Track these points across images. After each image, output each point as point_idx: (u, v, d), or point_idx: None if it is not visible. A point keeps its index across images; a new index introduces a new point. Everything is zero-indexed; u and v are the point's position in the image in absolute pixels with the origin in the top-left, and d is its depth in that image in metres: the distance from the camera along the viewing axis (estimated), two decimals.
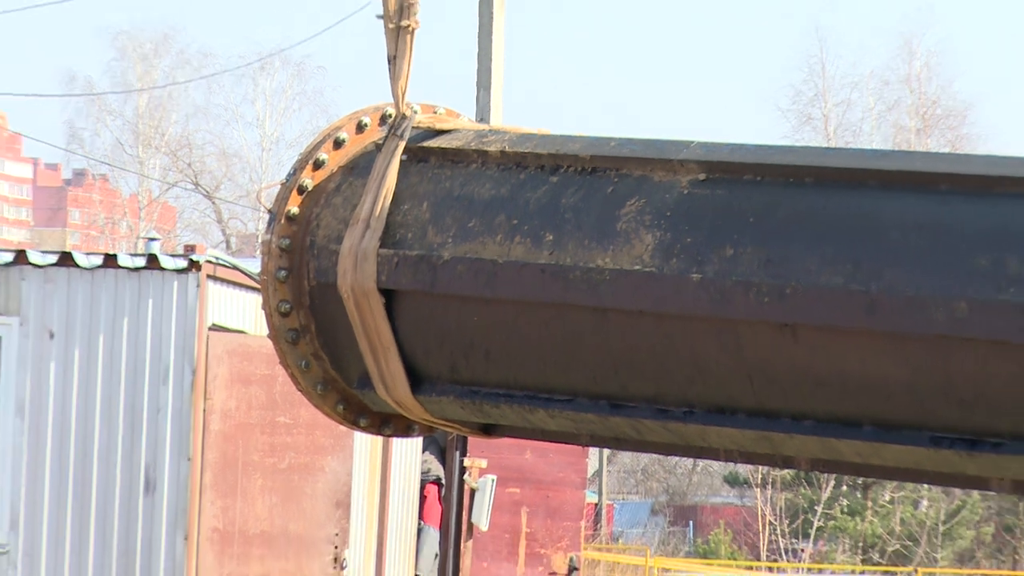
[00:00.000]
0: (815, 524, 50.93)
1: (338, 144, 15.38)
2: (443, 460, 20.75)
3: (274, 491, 17.99)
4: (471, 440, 19.93)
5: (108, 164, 78.26)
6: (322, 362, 16.23)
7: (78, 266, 18.09)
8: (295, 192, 15.24)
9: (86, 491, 17.92)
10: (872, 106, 70.66)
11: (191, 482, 17.57)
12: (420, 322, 15.58)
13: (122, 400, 17.79)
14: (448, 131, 15.23)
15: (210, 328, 17.68)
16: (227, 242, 59.12)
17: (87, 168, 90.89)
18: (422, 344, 15.55)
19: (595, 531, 43.05)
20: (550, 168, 15.58)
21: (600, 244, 15.05)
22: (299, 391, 16.03)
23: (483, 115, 32.79)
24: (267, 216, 15.47)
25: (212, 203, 68.62)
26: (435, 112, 15.34)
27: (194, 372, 17.52)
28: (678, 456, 32.14)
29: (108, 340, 17.71)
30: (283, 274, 15.09)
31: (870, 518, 51.15)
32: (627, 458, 58.96)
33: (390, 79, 14.78)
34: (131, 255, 18.17)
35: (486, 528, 21.08)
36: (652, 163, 15.57)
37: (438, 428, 15.46)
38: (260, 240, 15.21)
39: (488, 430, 16.61)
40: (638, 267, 15.18)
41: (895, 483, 35.88)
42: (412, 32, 14.97)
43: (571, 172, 15.35)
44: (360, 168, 14.90)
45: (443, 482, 21.05)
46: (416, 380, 15.51)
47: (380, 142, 15.14)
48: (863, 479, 35.47)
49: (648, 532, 58.34)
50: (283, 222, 15.42)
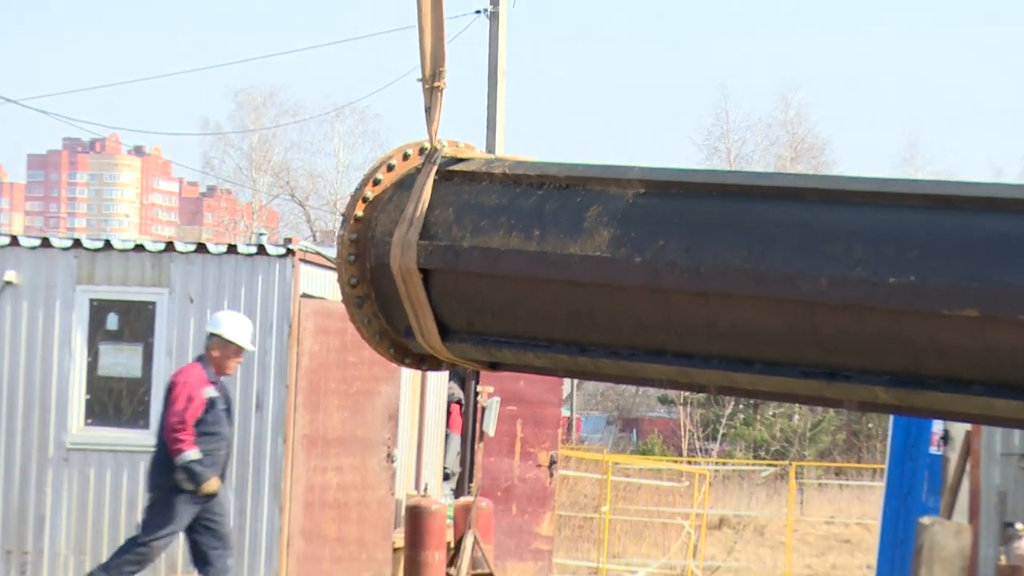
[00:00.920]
0: (720, 431, 50.72)
1: (390, 168, 15.36)
2: (463, 386, 20.67)
3: (345, 408, 17.94)
4: (482, 373, 19.92)
5: (231, 182, 78.27)
6: (379, 319, 16.28)
7: (210, 252, 18.03)
8: (360, 201, 15.20)
9: None
10: (760, 142, 70.60)
11: (288, 402, 17.52)
12: (447, 291, 15.60)
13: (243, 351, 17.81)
14: (466, 159, 15.21)
15: (301, 296, 17.65)
16: (313, 236, 59.02)
17: (216, 185, 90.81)
18: (448, 306, 15.57)
19: (568, 436, 42.82)
20: (536, 185, 15.59)
21: (571, 237, 15.08)
22: (363, 339, 15.99)
23: (490, 148, 32.62)
24: (341, 218, 15.55)
25: (303, 209, 68.59)
26: (457, 145, 15.34)
27: (290, 326, 17.47)
28: (625, 384, 32.41)
29: (231, 304, 17.66)
30: (352, 258, 15.06)
31: (759, 427, 51.04)
32: (590, 386, 58.73)
33: (426, 123, 14.72)
34: (246, 245, 18.10)
35: (492, 434, 21.03)
36: (607, 181, 15.56)
37: (459, 365, 15.52)
38: (336, 235, 15.27)
39: (494, 366, 16.57)
40: (598, 253, 15.18)
41: (776, 402, 35.98)
42: (441, 90, 14.93)
43: (551, 188, 15.35)
44: (405, 185, 14.93)
45: (463, 402, 20.98)
46: (444, 331, 15.50)
47: (419, 167, 15.12)
48: (753, 400, 35.33)
49: (604, 437, 58.16)
50: (352, 222, 15.41)
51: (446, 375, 19.02)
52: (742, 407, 49.89)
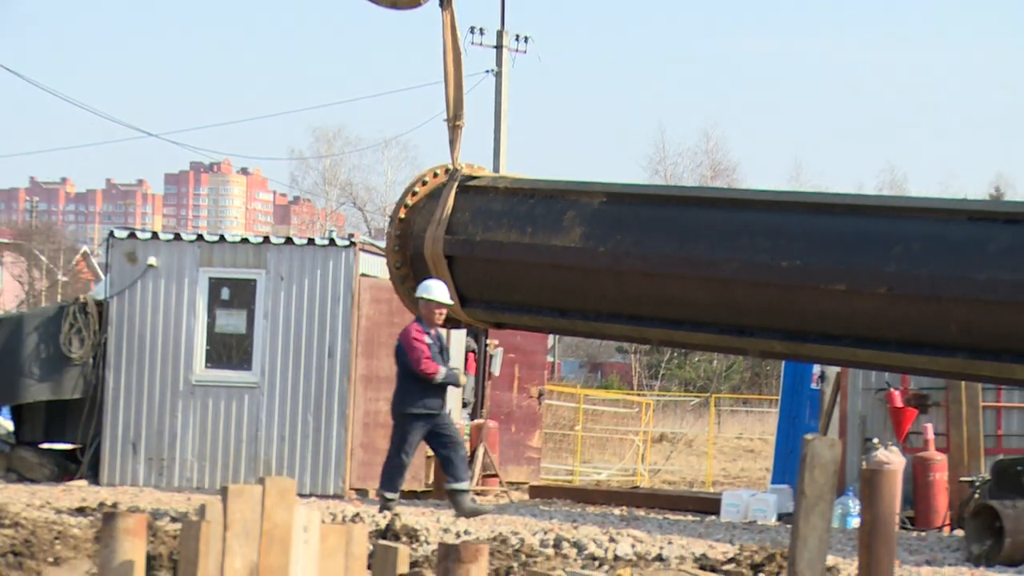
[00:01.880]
0: (661, 372, 50.48)
1: (424, 184, 15.26)
2: (476, 340, 20.52)
3: (391, 356, 17.86)
4: (490, 331, 19.75)
5: (310, 194, 78.05)
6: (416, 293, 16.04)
7: (295, 244, 17.92)
8: (403, 207, 15.06)
9: (301, 357, 17.78)
10: (688, 165, 70.48)
11: (351, 351, 17.44)
12: (464, 272, 15.51)
13: (316, 312, 17.64)
14: (478, 177, 15.06)
15: (360, 275, 17.55)
16: (369, 233, 58.92)
17: (300, 196, 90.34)
18: (465, 283, 15.49)
19: (551, 376, 42.75)
20: (529, 195, 15.48)
21: (555, 233, 14.97)
22: (404, 306, 15.87)
23: (496, 168, 32.42)
24: (389, 220, 15.28)
25: (362, 213, 68.38)
26: (472, 167, 15.12)
27: (352, 297, 17.37)
28: (593, 338, 32.63)
29: (310, 282, 17.55)
30: (397, 248, 14.90)
31: (688, 368, 50.87)
32: (568, 339, 58.77)
33: (450, 151, 14.56)
34: (321, 239, 18.00)
35: (497, 374, 20.92)
36: (579, 192, 15.42)
37: (473, 325, 15.40)
38: (385, 231, 15.24)
39: (499, 326, 16.43)
40: (573, 245, 15.06)
41: (701, 351, 35.98)
42: (461, 128, 14.80)
43: (540, 197, 15.24)
44: (435, 195, 14.84)
45: (476, 351, 20.84)
46: (462, 301, 15.39)
47: (445, 183, 14.99)
48: (684, 349, 35.18)
49: (577, 376, 58.05)
50: (397, 222, 15.31)
51: (464, 331, 18.96)
52: (676, 355, 49.83)
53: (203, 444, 17.62)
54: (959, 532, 14.73)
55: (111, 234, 18.44)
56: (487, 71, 36.05)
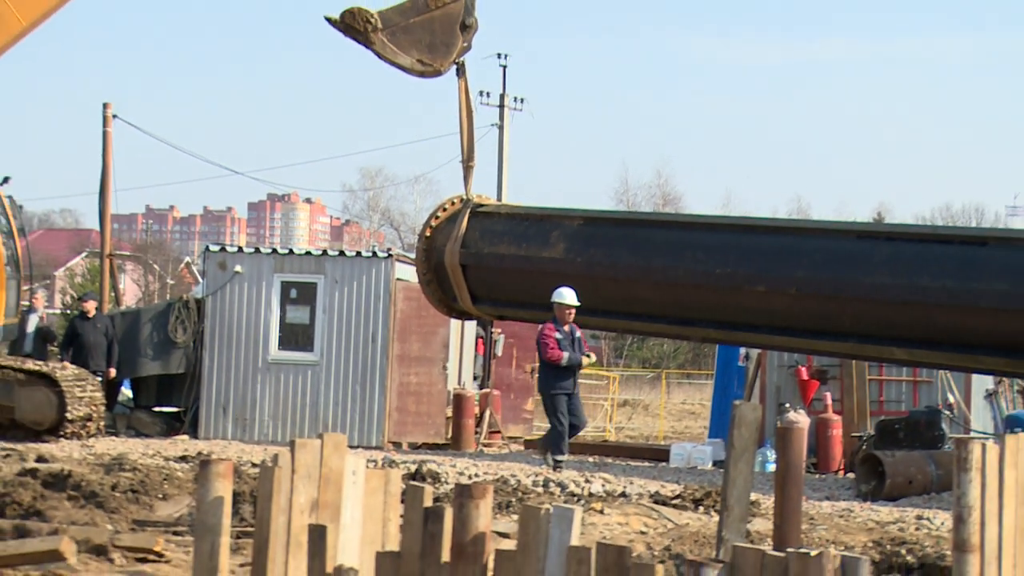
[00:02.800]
0: (624, 352, 50.39)
1: (444, 209, 15.13)
2: (484, 328, 20.41)
3: (419, 340, 17.75)
4: (495, 321, 19.65)
5: (358, 218, 77.80)
6: (438, 292, 16.04)
7: (346, 256, 17.86)
8: (428, 228, 14.92)
9: (350, 341, 17.67)
10: (645, 195, 70.31)
11: (389, 337, 17.34)
12: (475, 277, 15.41)
13: (362, 307, 17.55)
14: (485, 204, 14.92)
15: (396, 279, 17.47)
16: (403, 247, 58.89)
17: (350, 219, 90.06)
18: (475, 285, 15.37)
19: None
20: (524, 218, 15.35)
21: (543, 247, 14.86)
22: (429, 303, 15.74)
23: (499, 197, 32.32)
24: (418, 238, 15.09)
25: (398, 233, 68.18)
26: (481, 197, 14.94)
27: (390, 296, 17.28)
28: (597, 329, 32.60)
29: (358, 285, 17.47)
30: (424, 259, 14.74)
31: (646, 349, 50.80)
32: None
33: (464, 185, 14.43)
34: (367, 252, 17.94)
35: (500, 355, 20.85)
36: (562, 216, 15.29)
37: (482, 317, 15.25)
38: (416, 246, 15.23)
39: (502, 318, 16.26)
40: (557, 256, 14.92)
41: (656, 337, 35.97)
42: (472, 168, 14.70)
43: (532, 220, 15.13)
44: (453, 219, 14.74)
45: (484, 337, 20.74)
46: (473, 299, 15.27)
47: (460, 209, 14.87)
48: (642, 335, 35.01)
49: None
50: (424, 239, 15.16)
51: (475, 322, 18.92)
52: (636, 340, 49.82)
53: (276, 407, 17.58)
54: (851, 475, 14.70)
55: (207, 248, 18.47)
56: (492, 124, 36.05)
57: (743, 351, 18.56)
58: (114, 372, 17.63)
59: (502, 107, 36.04)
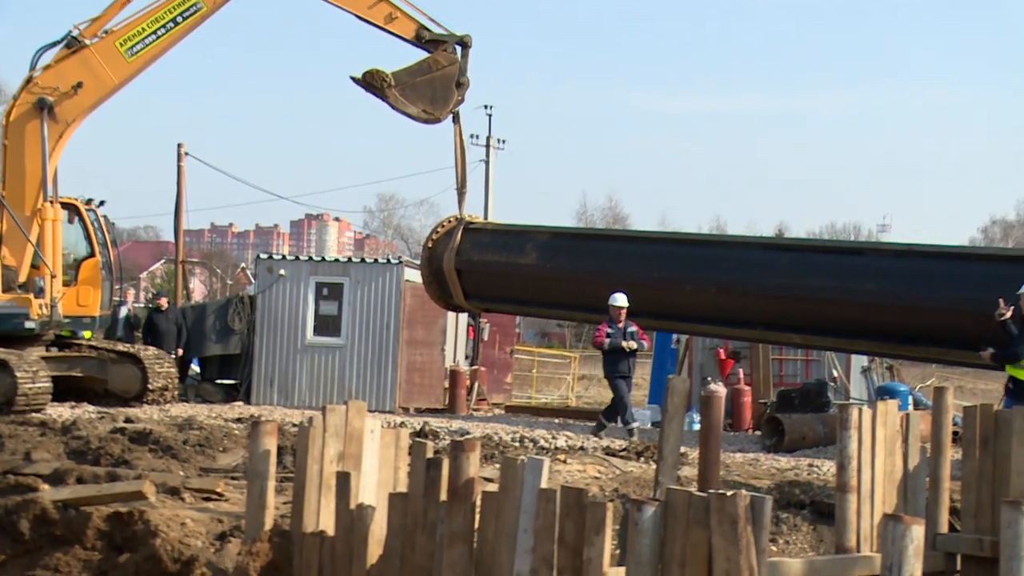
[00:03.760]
0: (583, 337, 50.18)
1: (442, 226, 15.00)
2: (474, 319, 20.30)
3: (424, 328, 17.66)
4: (483, 314, 19.51)
5: (376, 232, 77.65)
6: (438, 291, 15.89)
7: (366, 262, 17.76)
8: (430, 240, 14.78)
9: (369, 329, 17.55)
10: (601, 217, 70.28)
11: (399, 326, 17.26)
12: (467, 279, 15.27)
13: (379, 303, 17.46)
14: (475, 222, 14.80)
15: (405, 280, 17.39)
16: (411, 256, 58.82)
17: (370, 234, 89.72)
18: (467, 285, 15.21)
19: (518, 340, 42.56)
20: (505, 233, 15.19)
21: (519, 256, 14.76)
22: (432, 299, 15.58)
23: (486, 216, 32.25)
24: (423, 248, 14.92)
25: (407, 244, 68.01)
26: (471, 216, 14.79)
27: (400, 294, 17.19)
28: (544, 318, 32.66)
29: (377, 286, 17.38)
30: (426, 265, 14.60)
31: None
32: (529, 317, 58.38)
33: (458, 207, 14.27)
34: (382, 259, 17.86)
35: (486, 339, 20.76)
36: (534, 232, 15.15)
37: (473, 311, 15.10)
38: (420, 255, 15.19)
39: (488, 311, 16.05)
40: (530, 263, 14.81)
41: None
42: (465, 194, 14.58)
43: (511, 235, 15.01)
44: (450, 233, 14.64)
45: (474, 325, 20.63)
46: (466, 296, 15.11)
47: (455, 226, 14.73)
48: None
49: (534, 340, 57.73)
50: (426, 249, 15.01)
51: (467, 314, 18.87)
52: (593, 327, 49.56)
53: (311, 380, 17.51)
54: (758, 433, 14.73)
55: (258, 257, 18.38)
56: (480, 160, 36.14)
57: (675, 336, 18.60)
58: (181, 352, 17.63)
59: (488, 146, 36.22)
